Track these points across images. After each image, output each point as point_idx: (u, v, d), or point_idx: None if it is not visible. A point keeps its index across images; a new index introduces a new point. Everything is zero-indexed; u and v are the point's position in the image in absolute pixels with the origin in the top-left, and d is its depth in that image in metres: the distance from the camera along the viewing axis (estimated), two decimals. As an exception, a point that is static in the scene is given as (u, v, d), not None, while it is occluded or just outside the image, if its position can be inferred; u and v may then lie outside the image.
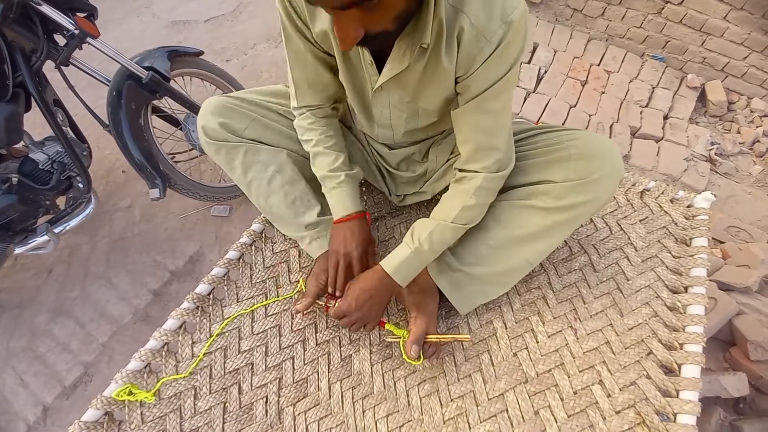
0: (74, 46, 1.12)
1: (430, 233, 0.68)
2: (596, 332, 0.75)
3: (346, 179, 0.76)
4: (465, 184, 0.69)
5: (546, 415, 0.67)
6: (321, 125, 0.76)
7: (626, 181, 0.95)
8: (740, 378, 1.10)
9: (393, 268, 0.69)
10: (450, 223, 0.68)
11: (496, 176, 0.67)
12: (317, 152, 0.77)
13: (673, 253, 0.83)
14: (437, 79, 0.60)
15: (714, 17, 2.01)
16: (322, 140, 0.76)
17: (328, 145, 0.76)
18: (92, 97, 1.37)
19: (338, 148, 0.77)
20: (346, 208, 0.75)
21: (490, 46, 0.54)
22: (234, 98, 0.79)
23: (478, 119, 0.62)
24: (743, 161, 1.95)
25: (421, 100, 0.66)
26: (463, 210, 0.68)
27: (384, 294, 0.71)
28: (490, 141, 0.64)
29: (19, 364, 1.33)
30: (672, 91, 2.11)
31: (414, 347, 0.69)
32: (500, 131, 0.65)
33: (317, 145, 0.76)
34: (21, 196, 1.19)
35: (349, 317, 0.71)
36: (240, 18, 2.52)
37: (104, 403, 0.67)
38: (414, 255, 0.69)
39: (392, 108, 0.69)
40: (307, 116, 0.76)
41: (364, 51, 0.59)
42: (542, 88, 2.07)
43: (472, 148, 0.65)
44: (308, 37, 0.64)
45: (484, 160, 0.65)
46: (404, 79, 0.62)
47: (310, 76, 0.71)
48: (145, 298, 1.45)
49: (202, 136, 0.77)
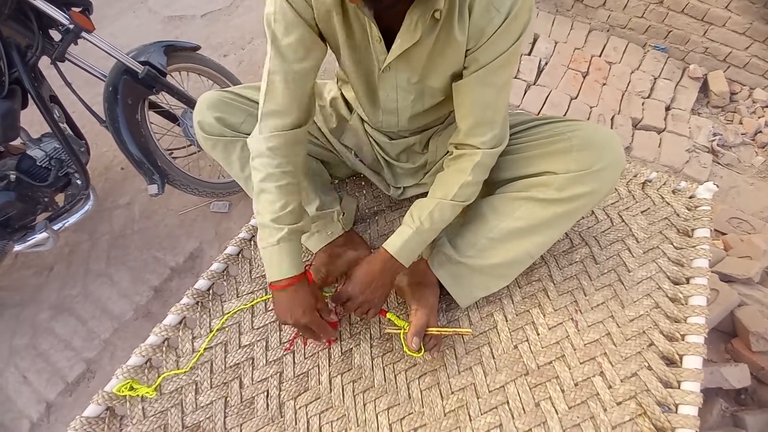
0: (69, 41, 1.11)
1: (430, 212, 0.68)
2: (597, 324, 0.75)
3: (288, 236, 0.65)
4: (463, 161, 0.68)
5: (547, 406, 0.67)
6: (282, 155, 0.65)
7: (627, 173, 0.94)
8: (742, 369, 1.10)
9: (396, 249, 0.68)
10: (449, 200, 0.68)
11: (493, 152, 0.67)
12: (263, 189, 0.65)
13: (675, 244, 0.83)
14: (448, 52, 0.59)
15: (716, 7, 1.98)
16: (274, 176, 0.64)
17: (278, 184, 0.65)
18: (89, 93, 1.36)
19: (289, 191, 0.66)
20: (282, 272, 0.65)
21: (500, 16, 0.54)
22: (230, 93, 0.78)
23: (481, 91, 0.62)
24: (745, 152, 1.93)
25: (429, 79, 0.65)
26: (461, 187, 0.67)
27: (388, 276, 0.70)
28: (490, 115, 0.64)
29: (22, 362, 1.34)
30: (674, 82, 2.09)
31: (415, 339, 0.69)
32: (500, 106, 0.65)
33: (266, 180, 0.65)
34: (19, 193, 1.19)
35: (354, 300, 0.69)
36: (237, 12, 2.50)
37: (106, 399, 0.67)
38: (415, 234, 0.68)
39: (399, 90, 0.67)
40: (269, 138, 0.65)
41: (371, 27, 0.57)
42: (543, 80, 2.05)
43: (472, 121, 0.65)
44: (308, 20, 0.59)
45: (483, 135, 0.65)
46: (413, 56, 0.60)
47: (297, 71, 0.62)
48: (146, 294, 1.45)
49: (199, 131, 0.76)
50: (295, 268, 0.66)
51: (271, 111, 0.65)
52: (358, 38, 0.62)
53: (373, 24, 0.56)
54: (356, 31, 0.60)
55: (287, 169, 0.66)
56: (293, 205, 0.66)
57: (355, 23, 0.60)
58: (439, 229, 0.71)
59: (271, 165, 0.65)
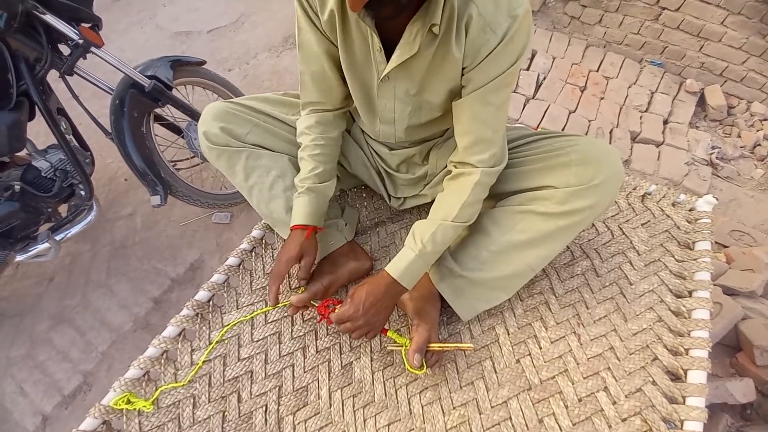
0: (78, 56, 1.14)
1: (432, 234, 0.68)
2: (600, 338, 0.74)
3: (306, 192, 0.76)
4: (462, 180, 0.69)
5: (550, 423, 0.66)
6: (317, 131, 0.76)
7: (627, 186, 0.95)
8: (747, 383, 1.08)
9: (399, 272, 0.68)
10: (451, 222, 0.68)
11: (492, 171, 0.68)
12: (302, 157, 0.78)
13: (676, 257, 0.83)
14: (445, 68, 0.61)
15: (711, 22, 2.02)
16: (309, 147, 0.76)
17: (314, 153, 0.76)
18: (96, 105, 1.38)
19: (322, 159, 0.77)
20: (294, 219, 0.76)
21: (496, 38, 0.56)
22: (235, 104, 0.79)
23: (479, 110, 0.63)
24: (744, 165, 1.94)
25: (427, 92, 0.66)
26: (462, 208, 0.68)
27: (390, 300, 0.70)
28: (488, 134, 0.65)
29: (19, 373, 1.32)
30: (671, 96, 2.12)
31: (416, 356, 0.68)
32: (498, 125, 0.66)
33: (304, 150, 0.77)
34: (23, 204, 1.19)
35: (354, 323, 0.69)
36: (242, 29, 2.55)
37: (102, 412, 0.66)
38: (418, 257, 0.68)
39: (397, 100, 0.69)
40: (309, 117, 0.76)
41: (373, 37, 0.59)
42: (541, 94, 2.08)
43: (471, 140, 0.66)
44: (318, 26, 0.65)
45: (482, 153, 0.66)
46: (412, 68, 0.62)
47: (315, 71, 0.70)
48: (146, 305, 1.45)
49: (204, 141, 0.77)
50: (301, 219, 0.75)
51: (307, 102, 0.76)
52: (359, 47, 0.64)
53: (375, 34, 0.58)
54: (356, 40, 0.63)
55: (320, 143, 0.76)
56: (320, 170, 0.76)
57: (356, 33, 0.62)
58: (442, 251, 0.71)
59: (309, 139, 0.76)
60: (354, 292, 0.70)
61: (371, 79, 0.67)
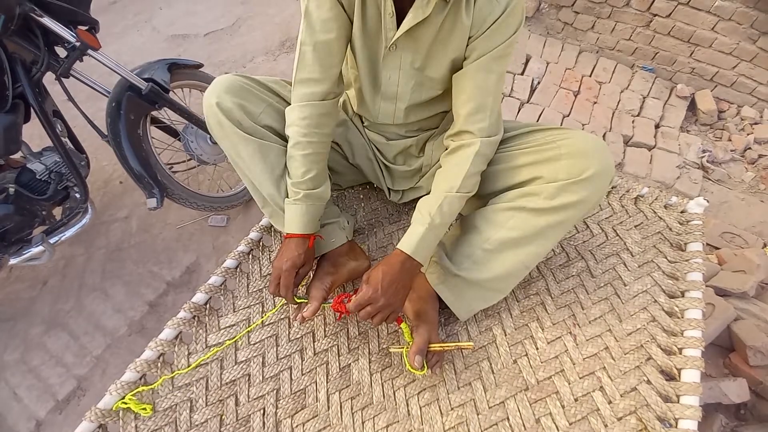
0: (75, 58, 1.13)
1: (439, 206, 0.68)
2: (595, 338, 0.75)
3: (304, 199, 0.73)
4: (462, 152, 0.70)
5: (547, 422, 0.67)
6: (310, 126, 0.71)
7: (620, 188, 0.96)
8: (740, 384, 1.10)
9: (412, 248, 0.67)
10: (456, 193, 0.69)
11: (491, 141, 0.70)
12: (291, 155, 0.73)
13: (669, 258, 0.84)
14: (452, 37, 0.64)
15: (702, 28, 2.06)
16: (301, 144, 0.72)
17: (305, 152, 0.72)
18: (92, 108, 1.37)
19: (313, 159, 0.73)
20: (291, 227, 0.73)
21: (500, 7, 0.62)
22: (249, 79, 0.75)
23: (482, 78, 0.67)
24: (735, 168, 1.98)
25: (430, 67, 0.69)
26: (465, 178, 0.69)
27: (407, 277, 0.69)
28: (489, 101, 0.68)
29: (13, 378, 1.30)
30: (662, 101, 2.16)
31: (417, 358, 0.68)
32: (497, 94, 0.69)
33: (295, 148, 0.72)
34: (17, 206, 1.18)
35: (374, 305, 0.65)
36: (239, 32, 2.56)
37: (98, 416, 0.66)
38: (429, 230, 0.68)
39: (402, 72, 0.71)
40: (303, 107, 0.71)
41: (386, 1, 0.62)
42: (536, 98, 2.11)
43: (473, 106, 0.68)
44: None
45: (482, 122, 0.68)
46: (420, 37, 0.65)
47: (320, 41, 0.67)
48: (141, 309, 1.43)
49: (216, 112, 0.70)
50: (301, 227, 0.73)
51: (302, 79, 0.70)
52: (371, 16, 0.66)
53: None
54: (369, 8, 0.65)
55: (313, 140, 0.72)
56: (313, 173, 0.73)
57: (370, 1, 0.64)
58: (449, 223, 0.71)
59: (300, 134, 0.72)
60: (369, 275, 0.68)
61: (379, 49, 0.69)
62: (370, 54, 0.71)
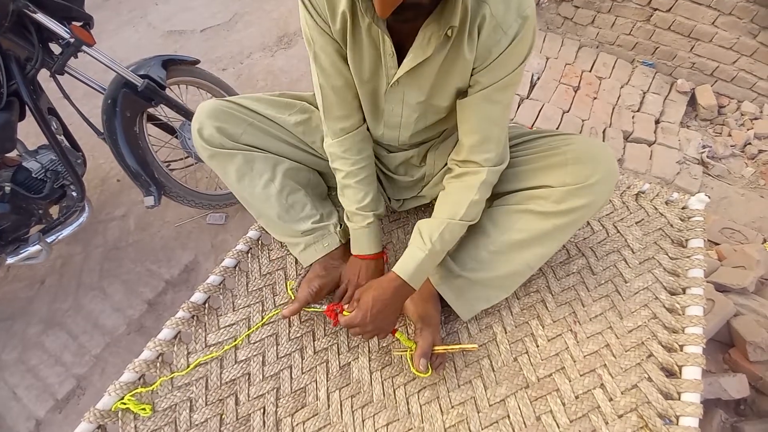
0: (69, 55, 1.12)
1: (441, 233, 0.67)
2: (596, 335, 0.75)
3: (375, 220, 0.78)
4: (468, 178, 0.69)
5: (548, 420, 0.66)
6: (353, 154, 0.75)
7: (621, 184, 0.96)
8: (740, 379, 1.10)
9: (409, 274, 0.67)
10: (458, 220, 0.68)
11: (496, 170, 0.69)
12: (347, 185, 0.77)
13: (670, 255, 0.84)
14: (456, 70, 0.61)
15: (702, 23, 2.05)
16: (353, 173, 0.75)
17: (358, 179, 0.76)
18: (87, 105, 1.36)
19: (368, 182, 0.77)
20: (368, 248, 0.78)
21: (507, 38, 0.56)
22: (230, 102, 0.78)
23: (487, 109, 0.64)
24: (735, 164, 1.97)
25: (435, 97, 0.66)
26: (470, 206, 0.68)
27: (399, 302, 0.70)
28: (495, 132, 0.66)
29: (11, 377, 1.30)
30: (662, 96, 2.15)
31: (422, 361, 0.68)
32: (503, 124, 0.67)
33: (347, 178, 0.76)
34: (13, 205, 1.18)
35: (363, 328, 0.68)
36: (236, 28, 2.54)
37: (97, 417, 0.65)
38: (428, 257, 0.67)
39: (405, 106, 0.68)
40: (341, 142, 0.74)
41: (385, 41, 0.58)
42: (536, 94, 2.09)
43: (478, 138, 0.66)
44: (330, 35, 0.63)
45: (488, 152, 0.67)
46: (423, 72, 0.62)
47: (337, 85, 0.67)
48: (140, 308, 1.43)
49: (198, 139, 0.75)
50: (376, 248, 0.79)
51: (332, 117, 0.73)
52: (368, 53, 0.63)
53: (387, 38, 0.57)
54: (366, 46, 0.62)
55: (361, 165, 0.76)
56: (372, 194, 0.78)
57: (366, 38, 0.61)
58: (447, 250, 0.71)
59: (348, 164, 0.75)
60: (360, 297, 0.69)
61: (380, 85, 0.67)
62: (370, 91, 0.69)
